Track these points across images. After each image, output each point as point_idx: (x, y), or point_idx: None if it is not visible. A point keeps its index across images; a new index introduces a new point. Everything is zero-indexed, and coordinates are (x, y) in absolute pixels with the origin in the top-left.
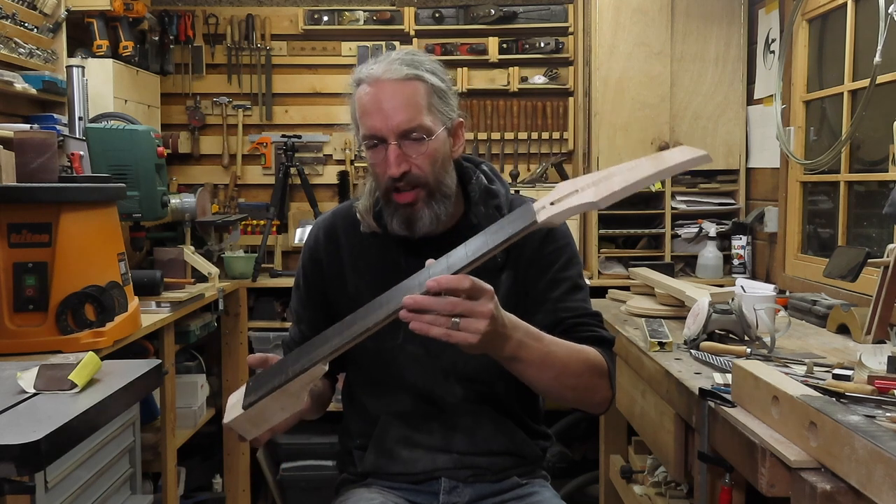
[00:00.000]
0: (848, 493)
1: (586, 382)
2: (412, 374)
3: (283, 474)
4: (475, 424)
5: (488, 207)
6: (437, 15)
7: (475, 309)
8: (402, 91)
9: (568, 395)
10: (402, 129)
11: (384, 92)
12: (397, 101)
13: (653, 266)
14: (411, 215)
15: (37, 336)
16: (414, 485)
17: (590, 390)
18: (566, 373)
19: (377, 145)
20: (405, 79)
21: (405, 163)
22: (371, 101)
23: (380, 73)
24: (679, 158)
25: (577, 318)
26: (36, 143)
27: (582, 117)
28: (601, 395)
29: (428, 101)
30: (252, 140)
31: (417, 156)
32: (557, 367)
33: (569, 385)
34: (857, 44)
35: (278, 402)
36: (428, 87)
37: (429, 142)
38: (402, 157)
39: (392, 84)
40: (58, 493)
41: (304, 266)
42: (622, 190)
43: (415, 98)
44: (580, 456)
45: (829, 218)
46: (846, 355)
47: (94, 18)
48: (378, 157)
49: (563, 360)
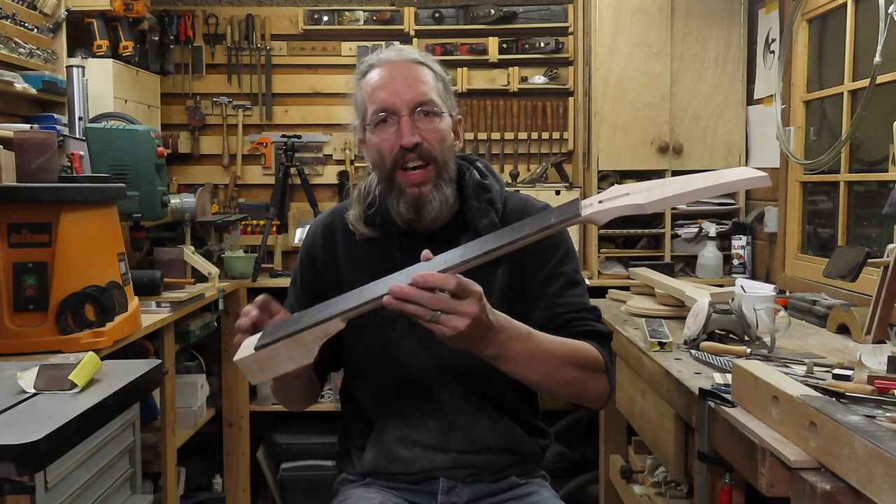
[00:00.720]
0: (848, 493)
1: (579, 378)
2: (410, 371)
3: (283, 474)
4: (473, 422)
5: (481, 202)
6: (437, 15)
7: (458, 308)
8: (414, 70)
9: (561, 391)
10: (416, 101)
11: (397, 70)
12: (410, 78)
13: (653, 266)
14: (420, 197)
15: (37, 336)
16: (412, 485)
17: (583, 386)
18: (557, 370)
19: (386, 120)
20: (415, 62)
21: (417, 134)
22: (383, 79)
23: (391, 56)
24: (737, 176)
25: (574, 313)
26: (36, 143)
27: (582, 117)
28: (597, 391)
29: (435, 84)
30: (252, 140)
31: (429, 130)
32: (547, 365)
33: (560, 381)
34: (857, 44)
35: (289, 350)
36: (435, 75)
37: (442, 116)
38: (416, 129)
39: (404, 64)
40: (58, 493)
41: (302, 263)
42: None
43: (425, 77)
44: (580, 456)
45: (829, 218)
46: (846, 355)
47: (94, 18)
48: (387, 132)
49: (554, 358)
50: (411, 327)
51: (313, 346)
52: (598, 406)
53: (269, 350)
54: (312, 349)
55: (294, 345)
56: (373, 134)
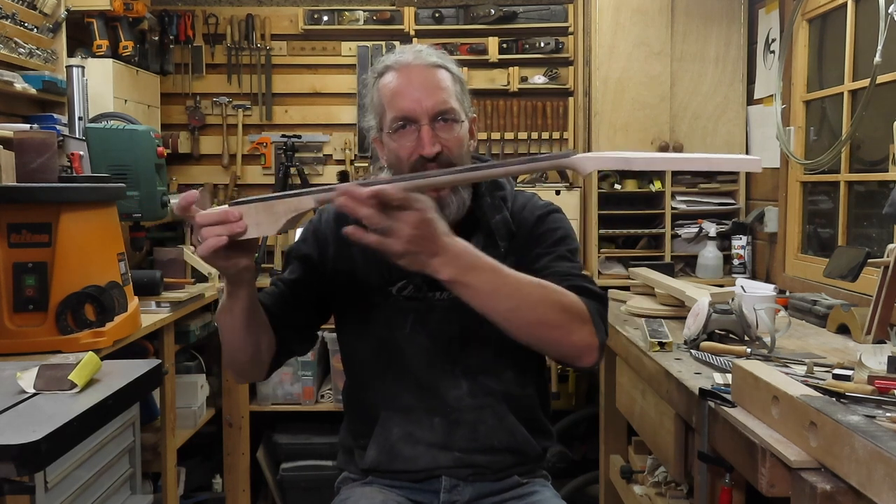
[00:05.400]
0: (848, 493)
1: (554, 321)
2: (417, 367)
3: (283, 474)
4: (477, 420)
5: (494, 199)
6: (437, 15)
7: (401, 217)
8: (434, 76)
9: (534, 333)
10: (437, 110)
11: (416, 76)
12: (430, 85)
13: (653, 266)
14: (440, 201)
15: (37, 336)
16: (415, 483)
17: (560, 332)
18: (527, 307)
19: (406, 127)
20: (434, 66)
21: (438, 143)
22: (403, 85)
23: (410, 59)
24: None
25: (561, 276)
26: (36, 143)
27: (582, 117)
28: (578, 338)
29: (454, 88)
30: (252, 140)
31: (449, 138)
32: (515, 299)
33: (531, 320)
34: (857, 44)
35: (259, 214)
36: (453, 77)
37: (462, 124)
38: (436, 138)
39: (423, 69)
40: (58, 493)
41: (306, 240)
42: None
43: (445, 83)
44: (580, 456)
45: (829, 218)
46: (846, 355)
47: (94, 18)
48: (407, 139)
49: (522, 293)
50: (422, 321)
51: (281, 217)
52: (586, 363)
53: (239, 209)
54: (280, 221)
55: (265, 211)
56: (391, 139)
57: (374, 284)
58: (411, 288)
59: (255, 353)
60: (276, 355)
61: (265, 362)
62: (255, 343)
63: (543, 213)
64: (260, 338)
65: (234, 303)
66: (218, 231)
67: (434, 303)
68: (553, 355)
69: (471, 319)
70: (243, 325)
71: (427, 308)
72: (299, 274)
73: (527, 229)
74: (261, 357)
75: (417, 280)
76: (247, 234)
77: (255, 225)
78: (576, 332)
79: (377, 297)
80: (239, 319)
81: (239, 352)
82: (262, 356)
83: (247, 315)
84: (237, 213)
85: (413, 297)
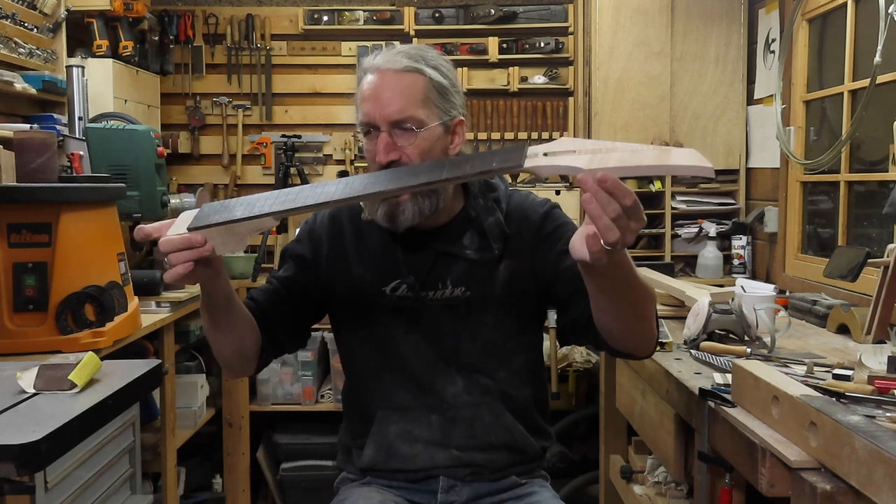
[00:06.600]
0: (848, 493)
1: (652, 312)
2: (413, 364)
3: (283, 474)
4: (474, 417)
5: (487, 200)
6: (437, 15)
7: (641, 215)
8: (400, 82)
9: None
10: (393, 118)
11: (382, 81)
12: (393, 91)
13: (653, 266)
14: (394, 208)
15: (37, 336)
16: (412, 483)
17: (651, 321)
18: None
19: (370, 132)
20: (404, 70)
21: (394, 151)
22: (369, 89)
23: (381, 62)
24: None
25: None
26: (36, 143)
27: (582, 117)
28: (654, 331)
29: (425, 94)
30: (252, 140)
31: (407, 146)
32: (644, 287)
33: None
34: (857, 44)
35: (222, 236)
36: (427, 81)
37: (419, 133)
38: (392, 146)
39: (390, 74)
40: (58, 493)
41: (301, 240)
42: (616, 170)
43: (411, 90)
44: (580, 456)
45: (829, 218)
46: (846, 355)
47: (94, 18)
48: (371, 143)
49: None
50: (416, 321)
51: (245, 237)
52: (650, 352)
53: (201, 233)
54: (244, 239)
55: (227, 232)
56: (363, 141)
57: (369, 284)
58: (405, 288)
59: (238, 347)
60: (263, 351)
61: (250, 358)
62: (238, 338)
63: (548, 210)
64: (243, 333)
65: (209, 299)
66: (185, 257)
67: (427, 302)
68: (629, 347)
69: (463, 320)
70: (222, 321)
71: (421, 307)
72: (293, 272)
73: (532, 230)
74: (245, 352)
75: (411, 280)
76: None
77: (220, 244)
78: (654, 327)
79: (371, 297)
80: (216, 315)
81: (222, 346)
82: (246, 351)
83: (223, 311)
84: (201, 239)
85: (407, 297)
